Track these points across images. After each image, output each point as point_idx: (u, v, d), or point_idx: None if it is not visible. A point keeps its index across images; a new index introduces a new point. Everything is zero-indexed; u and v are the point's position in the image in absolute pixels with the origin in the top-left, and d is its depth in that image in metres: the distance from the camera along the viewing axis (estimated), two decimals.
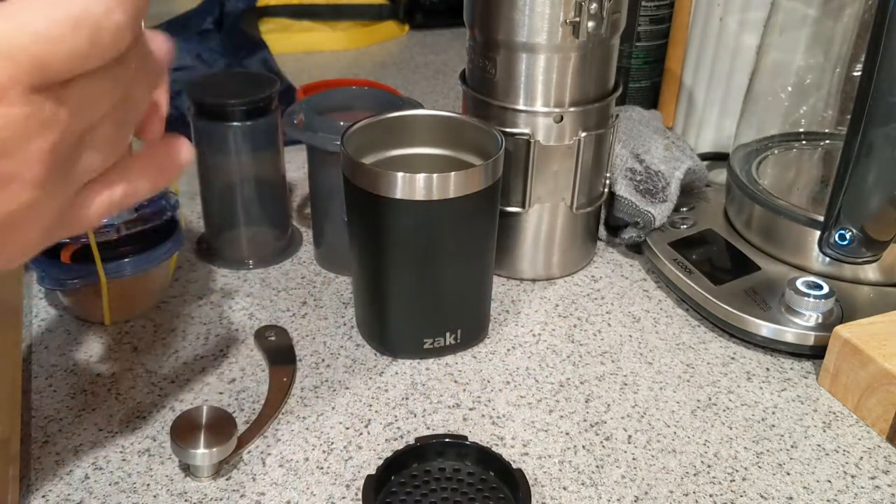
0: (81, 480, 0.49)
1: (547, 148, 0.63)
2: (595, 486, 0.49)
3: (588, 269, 0.71)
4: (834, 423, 0.55)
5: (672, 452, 0.52)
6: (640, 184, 0.70)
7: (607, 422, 0.54)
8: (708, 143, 0.81)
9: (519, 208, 0.65)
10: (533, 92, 0.61)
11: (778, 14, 0.71)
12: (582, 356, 0.60)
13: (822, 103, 0.73)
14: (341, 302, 0.65)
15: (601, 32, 0.60)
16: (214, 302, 0.65)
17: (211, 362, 0.59)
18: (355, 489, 0.49)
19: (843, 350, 0.55)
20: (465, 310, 0.59)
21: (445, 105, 1.02)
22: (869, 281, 0.63)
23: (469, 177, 0.54)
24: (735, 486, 0.50)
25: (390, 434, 0.53)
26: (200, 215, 0.72)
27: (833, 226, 0.58)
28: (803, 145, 0.74)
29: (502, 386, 0.57)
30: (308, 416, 0.54)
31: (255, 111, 0.64)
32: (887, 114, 0.54)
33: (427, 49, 1.22)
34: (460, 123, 0.61)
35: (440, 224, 0.55)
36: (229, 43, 1.01)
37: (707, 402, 0.56)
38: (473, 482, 0.49)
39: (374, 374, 0.58)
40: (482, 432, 0.53)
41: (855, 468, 0.51)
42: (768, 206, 0.65)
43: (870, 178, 0.56)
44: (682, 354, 0.61)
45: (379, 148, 0.60)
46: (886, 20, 0.52)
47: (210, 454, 0.48)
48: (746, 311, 0.60)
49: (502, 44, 0.61)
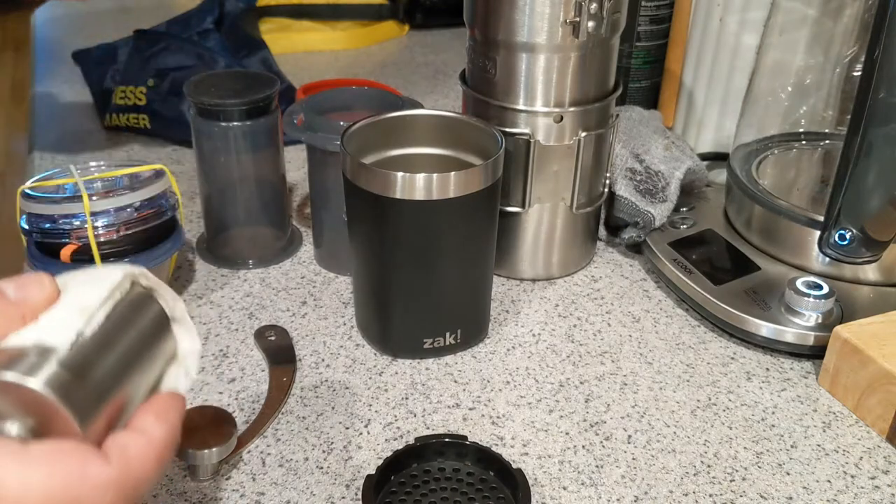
0: None
1: (547, 148, 0.63)
2: (595, 486, 0.49)
3: (588, 269, 0.71)
4: (834, 423, 0.55)
5: (672, 452, 0.52)
6: (640, 184, 0.70)
7: (607, 422, 0.54)
8: (708, 143, 0.81)
9: (519, 208, 0.65)
10: (533, 92, 0.61)
11: (778, 14, 0.71)
12: (582, 356, 0.60)
13: (822, 103, 0.73)
14: (341, 302, 0.65)
15: (601, 32, 0.60)
16: (214, 302, 0.65)
17: (211, 362, 0.59)
18: (355, 489, 0.49)
19: (842, 350, 0.55)
20: (465, 310, 0.59)
21: (445, 105, 1.02)
22: (869, 281, 0.63)
23: (469, 177, 0.54)
24: (735, 486, 0.50)
25: (390, 434, 0.53)
26: (200, 215, 0.72)
27: (833, 226, 0.58)
28: (803, 145, 0.74)
29: (502, 386, 0.57)
30: (308, 416, 0.54)
31: (255, 111, 0.64)
32: (887, 114, 0.54)
33: (427, 49, 1.22)
34: (460, 123, 0.61)
35: (440, 224, 0.55)
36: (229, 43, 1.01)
37: (707, 402, 0.56)
38: (473, 482, 0.49)
39: (374, 374, 0.58)
40: (482, 432, 0.53)
41: (855, 468, 0.51)
42: (768, 206, 0.65)
43: (870, 178, 0.56)
44: (682, 354, 0.61)
45: (379, 148, 0.60)
46: (886, 20, 0.52)
47: (210, 454, 0.48)
48: (746, 311, 0.60)
49: (502, 44, 0.61)
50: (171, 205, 0.62)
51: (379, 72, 1.12)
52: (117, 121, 0.90)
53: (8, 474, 0.31)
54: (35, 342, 0.33)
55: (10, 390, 0.32)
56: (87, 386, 0.34)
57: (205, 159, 0.66)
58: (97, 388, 0.34)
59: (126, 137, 0.90)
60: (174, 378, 0.40)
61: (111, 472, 0.33)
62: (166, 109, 0.88)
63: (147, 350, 0.38)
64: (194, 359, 0.41)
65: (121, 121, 0.90)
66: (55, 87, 1.04)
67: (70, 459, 0.32)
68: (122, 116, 0.89)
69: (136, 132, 0.90)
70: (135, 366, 0.37)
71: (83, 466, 0.32)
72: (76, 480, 0.32)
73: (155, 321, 0.39)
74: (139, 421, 0.35)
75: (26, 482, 0.31)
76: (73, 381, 0.33)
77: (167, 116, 0.88)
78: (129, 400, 0.36)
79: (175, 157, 0.86)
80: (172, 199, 0.63)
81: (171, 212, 0.62)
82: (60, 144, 0.89)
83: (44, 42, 1.21)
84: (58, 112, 0.97)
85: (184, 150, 0.87)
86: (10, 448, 0.31)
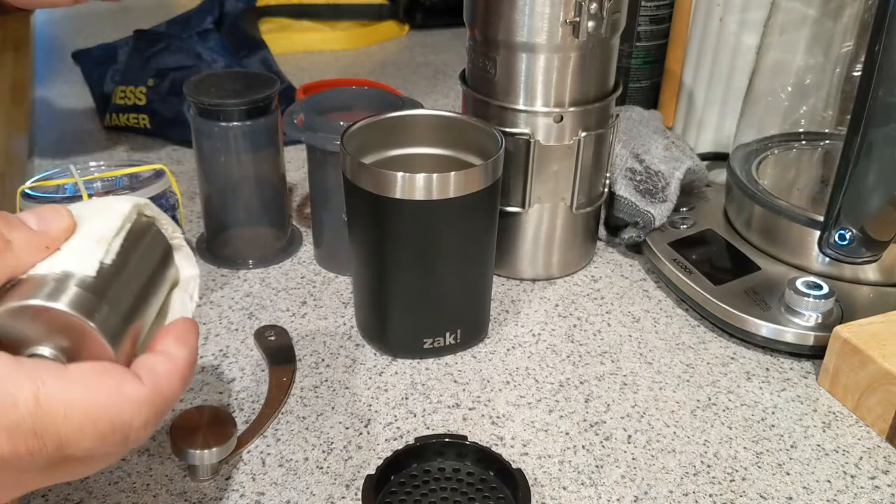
0: (81, 480, 0.49)
1: (547, 148, 0.63)
2: (595, 486, 0.49)
3: (588, 269, 0.71)
4: (834, 423, 0.55)
5: (672, 452, 0.52)
6: (640, 184, 0.70)
7: (607, 422, 0.54)
8: (708, 143, 0.81)
9: (519, 208, 0.65)
10: (533, 92, 0.61)
11: (778, 14, 0.71)
12: (582, 356, 0.60)
13: (822, 103, 0.73)
14: (341, 302, 0.65)
15: (601, 32, 0.60)
16: (214, 302, 0.65)
17: (211, 362, 0.59)
18: (355, 489, 0.49)
19: (842, 350, 0.55)
20: (465, 310, 0.59)
21: (445, 105, 1.02)
22: (869, 281, 0.63)
23: (469, 177, 0.54)
24: (735, 486, 0.50)
25: (390, 434, 0.53)
26: (200, 215, 0.72)
27: (833, 226, 0.58)
28: (803, 145, 0.74)
29: (502, 386, 0.57)
30: (308, 416, 0.54)
31: (255, 111, 0.64)
32: (887, 114, 0.54)
33: (427, 49, 1.22)
34: (460, 123, 0.61)
35: (440, 224, 0.55)
36: (229, 43, 1.01)
37: (707, 402, 0.56)
38: (473, 482, 0.49)
39: (374, 374, 0.58)
40: (482, 432, 0.53)
41: (855, 468, 0.51)
42: (768, 206, 0.65)
43: (870, 178, 0.56)
44: (682, 354, 0.61)
45: (379, 148, 0.60)
46: (886, 20, 0.52)
47: (210, 454, 0.48)
48: (746, 311, 0.60)
49: (502, 44, 0.61)
50: (171, 205, 0.62)
51: (379, 72, 1.12)
52: (117, 121, 0.90)
53: (51, 390, 0.32)
54: (63, 270, 0.36)
55: (44, 315, 0.35)
56: (114, 309, 0.36)
57: (205, 159, 0.66)
58: (122, 311, 0.37)
59: (126, 137, 0.90)
60: (180, 302, 0.42)
61: (144, 390, 0.35)
62: (166, 109, 0.88)
63: (157, 275, 0.41)
64: (195, 284, 0.43)
65: (121, 121, 0.90)
66: (55, 87, 1.04)
67: (107, 378, 0.34)
68: (122, 116, 0.89)
69: (136, 132, 0.90)
70: (149, 290, 0.40)
71: (120, 384, 0.34)
72: (114, 397, 0.34)
73: (161, 249, 0.42)
74: (162, 345, 0.38)
75: (69, 398, 0.33)
76: (101, 305, 0.36)
77: (167, 116, 0.88)
78: (145, 323, 0.39)
79: (175, 157, 0.86)
80: (172, 199, 0.63)
81: (171, 212, 0.62)
82: (60, 144, 0.89)
83: (44, 42, 1.21)
84: (58, 112, 0.97)
85: (184, 150, 0.87)
86: (50, 368, 0.33)
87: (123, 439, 0.34)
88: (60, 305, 0.35)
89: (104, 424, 0.33)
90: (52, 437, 0.32)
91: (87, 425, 0.33)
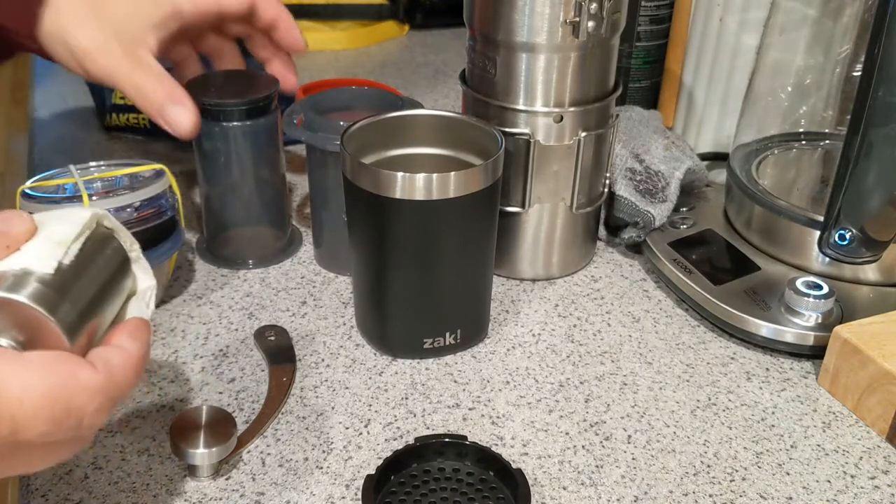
0: (81, 480, 0.49)
1: (547, 148, 0.63)
2: (595, 486, 0.49)
3: (588, 269, 0.71)
4: (833, 423, 0.55)
5: (672, 452, 0.52)
6: (640, 184, 0.70)
7: (607, 422, 0.54)
8: (708, 143, 0.81)
9: (519, 208, 0.65)
10: (533, 92, 0.61)
11: (778, 14, 0.71)
12: (582, 356, 0.60)
13: (822, 103, 0.73)
14: (341, 302, 0.65)
15: (601, 32, 0.60)
16: (214, 302, 0.65)
17: (210, 362, 0.59)
18: (355, 489, 0.49)
19: (842, 350, 0.55)
20: (465, 310, 0.59)
21: (445, 105, 1.02)
22: (869, 281, 0.63)
23: (469, 177, 0.54)
24: (735, 486, 0.50)
25: (390, 434, 0.53)
26: (200, 215, 0.72)
27: (833, 226, 0.58)
28: (803, 145, 0.74)
29: (502, 386, 0.57)
30: (308, 416, 0.54)
31: (255, 111, 0.64)
32: (887, 114, 0.54)
33: (427, 49, 1.22)
34: (460, 123, 0.61)
35: (440, 224, 0.55)
36: None
37: (707, 402, 0.56)
38: (473, 482, 0.49)
39: (374, 374, 0.58)
40: (482, 432, 0.53)
41: (854, 468, 0.51)
42: (768, 206, 0.65)
43: (870, 178, 0.56)
44: (682, 354, 0.61)
45: (379, 148, 0.60)
46: (886, 20, 0.52)
47: (210, 454, 0.48)
48: (746, 311, 0.60)
49: (502, 44, 0.61)
50: (171, 205, 0.62)
51: (379, 72, 1.12)
52: (117, 121, 0.90)
53: (9, 376, 0.34)
54: (22, 267, 0.38)
55: (3, 308, 0.36)
56: (71, 304, 0.38)
57: (205, 159, 0.66)
58: (79, 308, 0.39)
59: (126, 137, 0.90)
60: (137, 310, 0.44)
61: (99, 377, 0.37)
62: None
63: (114, 281, 0.43)
64: (152, 293, 0.45)
65: (121, 121, 0.90)
66: (55, 87, 1.03)
67: (63, 365, 0.36)
68: (122, 116, 0.89)
69: (136, 132, 0.90)
70: (106, 292, 0.42)
71: (75, 371, 0.36)
72: (70, 382, 0.35)
73: (118, 258, 0.43)
74: (116, 339, 0.40)
75: (26, 383, 0.34)
76: (59, 300, 0.38)
77: None
78: (101, 325, 0.41)
79: (175, 157, 0.86)
80: (172, 199, 0.63)
81: (171, 212, 0.62)
82: (60, 144, 0.89)
83: None
84: (58, 112, 0.97)
85: (184, 150, 0.87)
86: (7, 355, 0.35)
87: (77, 424, 0.35)
88: (21, 298, 0.36)
89: (59, 409, 0.34)
90: (7, 421, 0.33)
91: (42, 409, 0.34)
